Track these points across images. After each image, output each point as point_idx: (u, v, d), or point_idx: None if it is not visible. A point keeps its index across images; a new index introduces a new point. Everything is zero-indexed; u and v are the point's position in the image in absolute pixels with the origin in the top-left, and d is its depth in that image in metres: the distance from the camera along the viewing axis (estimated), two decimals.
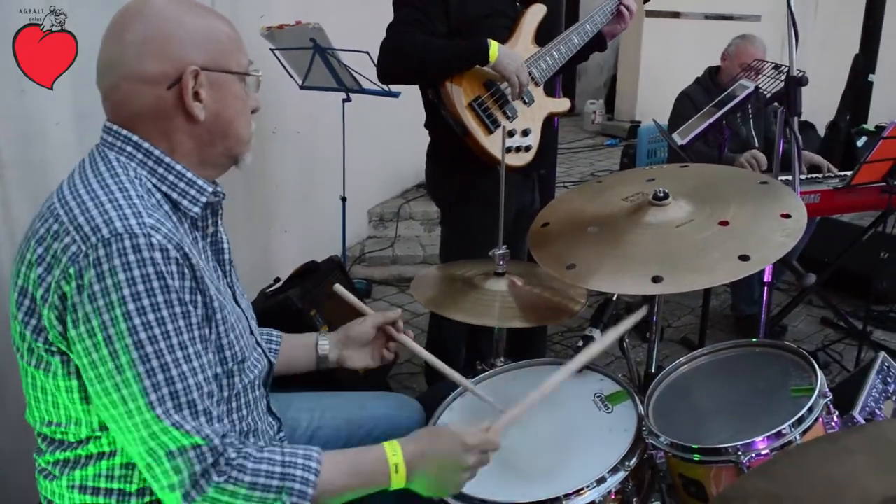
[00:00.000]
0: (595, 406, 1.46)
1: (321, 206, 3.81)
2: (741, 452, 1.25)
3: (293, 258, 2.96)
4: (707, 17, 7.28)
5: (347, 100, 3.30)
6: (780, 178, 2.25)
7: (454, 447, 1.19)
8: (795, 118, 2.02)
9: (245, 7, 3.16)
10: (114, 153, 1.12)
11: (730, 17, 7.16)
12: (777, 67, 2.42)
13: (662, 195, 1.53)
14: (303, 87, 3.24)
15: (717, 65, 3.50)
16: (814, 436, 1.28)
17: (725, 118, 2.37)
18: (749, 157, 3.09)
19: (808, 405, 1.28)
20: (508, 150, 2.11)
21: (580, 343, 1.51)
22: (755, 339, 1.59)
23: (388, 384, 2.88)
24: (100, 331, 1.00)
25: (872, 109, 5.88)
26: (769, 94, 2.25)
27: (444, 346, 2.44)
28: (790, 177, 2.09)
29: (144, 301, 1.01)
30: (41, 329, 1.06)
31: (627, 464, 1.29)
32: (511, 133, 2.15)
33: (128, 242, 1.01)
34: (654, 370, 1.82)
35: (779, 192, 1.55)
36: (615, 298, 1.54)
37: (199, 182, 1.16)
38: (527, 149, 2.21)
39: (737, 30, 3.55)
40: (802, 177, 2.99)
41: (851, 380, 2.07)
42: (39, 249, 1.05)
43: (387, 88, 2.91)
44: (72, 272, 1.01)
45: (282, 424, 1.41)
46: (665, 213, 1.52)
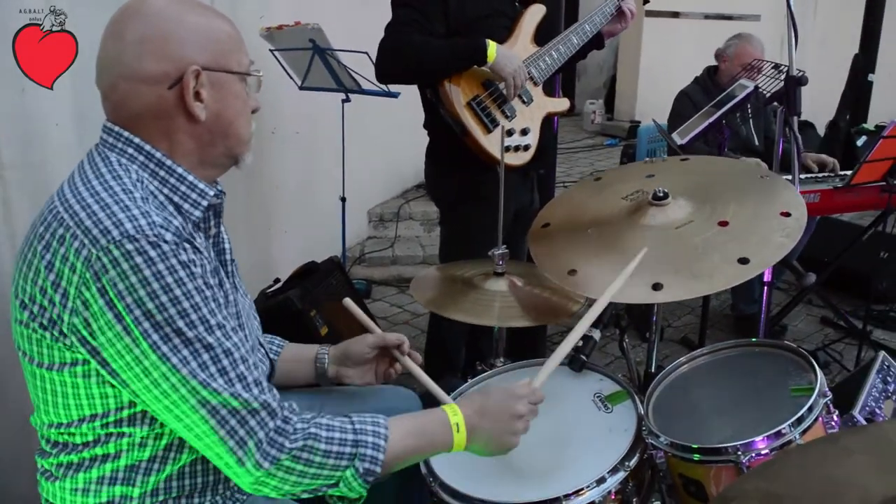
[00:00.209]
0: (595, 406, 1.46)
1: (321, 207, 3.81)
2: (741, 452, 1.25)
3: (293, 259, 2.96)
4: (707, 17, 7.28)
5: (347, 100, 3.30)
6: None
7: (506, 398, 1.24)
8: (795, 118, 2.02)
9: (244, 8, 3.16)
10: (115, 155, 1.12)
11: (729, 17, 7.16)
12: (777, 67, 2.42)
13: (662, 195, 1.53)
14: (302, 88, 3.24)
15: (716, 65, 3.49)
16: (814, 435, 1.28)
17: (725, 118, 2.37)
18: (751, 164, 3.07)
19: (808, 405, 1.28)
20: (507, 150, 2.11)
21: (579, 343, 1.51)
22: (755, 339, 1.59)
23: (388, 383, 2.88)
24: (135, 327, 1.01)
25: (872, 109, 5.88)
26: (769, 94, 2.25)
27: (444, 347, 2.44)
28: (790, 176, 2.09)
29: (176, 291, 1.02)
30: (62, 334, 1.05)
31: (627, 464, 1.29)
32: (510, 132, 2.15)
33: (143, 241, 1.00)
34: (654, 370, 1.83)
35: (778, 188, 1.54)
36: None
37: (201, 185, 1.15)
38: (525, 148, 2.21)
39: (736, 30, 3.55)
40: (802, 176, 2.99)
41: (851, 379, 2.07)
42: (48, 255, 1.04)
43: (386, 89, 2.91)
44: (88, 277, 1.00)
45: None
46: (664, 214, 1.52)
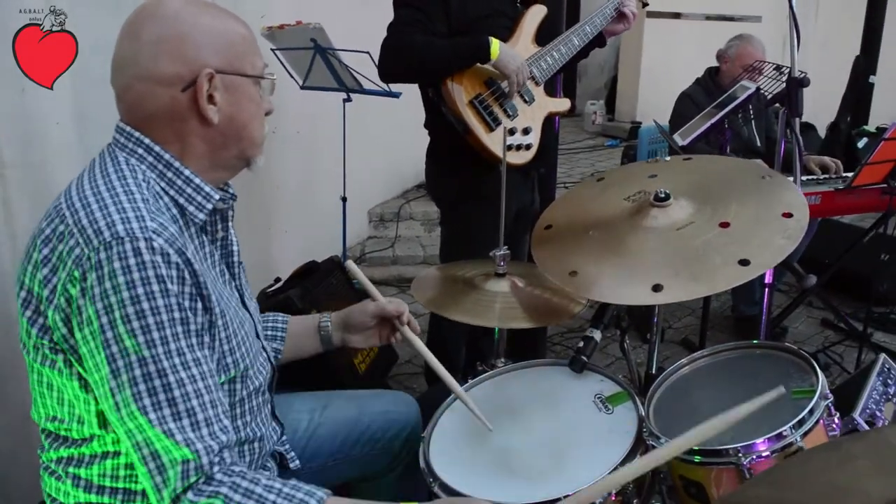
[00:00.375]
0: (595, 407, 1.46)
1: (321, 207, 3.81)
2: (742, 454, 1.25)
3: (293, 258, 2.95)
4: (708, 18, 7.28)
5: (348, 100, 3.29)
6: None
7: None
8: (797, 119, 2.02)
9: (245, 7, 3.15)
10: (124, 154, 1.12)
11: (731, 18, 7.16)
12: (778, 68, 2.42)
13: (664, 196, 1.53)
14: (303, 88, 3.24)
15: (717, 66, 3.49)
16: (815, 437, 1.28)
17: (727, 119, 2.37)
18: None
19: (809, 407, 1.28)
20: (509, 148, 2.11)
21: (580, 344, 1.51)
22: (756, 341, 1.59)
23: (389, 385, 2.88)
24: (99, 334, 1.00)
25: (873, 111, 5.88)
26: (770, 95, 2.25)
27: (445, 347, 2.44)
28: (791, 178, 2.09)
29: (143, 304, 1.00)
30: (46, 328, 1.06)
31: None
32: (512, 131, 2.15)
33: (128, 246, 1.00)
34: (655, 371, 1.82)
35: (780, 188, 1.54)
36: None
37: (206, 189, 1.15)
38: (527, 147, 2.21)
39: (737, 31, 3.55)
40: (803, 178, 2.98)
41: (852, 382, 2.06)
42: (45, 250, 1.05)
43: (388, 88, 2.91)
44: (76, 275, 1.01)
45: (284, 429, 1.41)
46: (666, 215, 1.52)
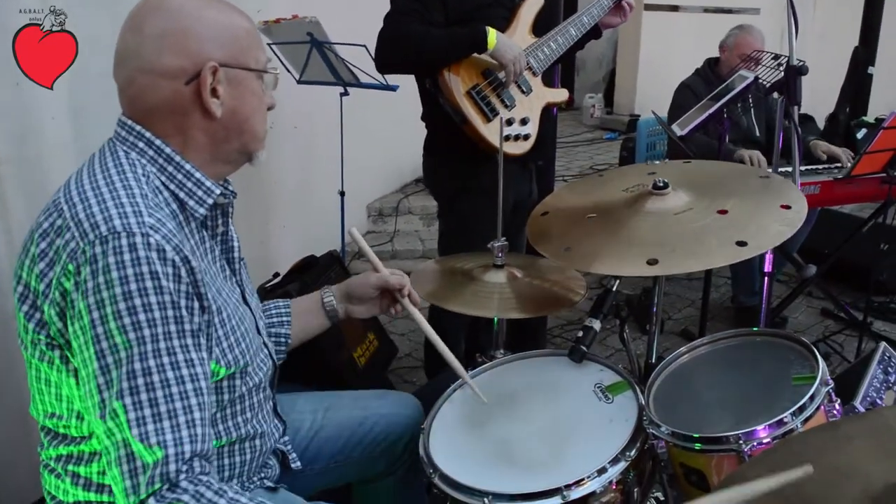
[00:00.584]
0: (595, 396, 1.46)
1: (320, 201, 3.80)
2: (742, 441, 1.25)
3: (292, 253, 2.94)
4: (706, 11, 7.27)
5: (345, 94, 3.29)
6: (780, 169, 2.25)
7: None
8: (795, 107, 2.01)
9: (242, 1, 3.14)
10: (124, 149, 1.11)
11: (729, 11, 7.14)
12: (776, 58, 2.41)
13: (662, 185, 1.53)
14: (300, 82, 3.23)
15: (717, 56, 3.48)
16: (815, 424, 1.27)
17: (725, 108, 2.36)
18: (752, 155, 3.06)
19: (810, 393, 1.27)
20: (507, 139, 2.11)
21: (580, 334, 1.51)
22: (756, 328, 1.58)
23: (389, 379, 2.88)
24: (90, 329, 0.99)
25: (872, 102, 5.86)
26: (769, 84, 2.24)
27: (444, 339, 2.41)
28: (790, 168, 2.08)
29: (136, 301, 0.98)
30: (43, 323, 1.05)
31: (628, 454, 1.28)
32: (509, 121, 2.14)
33: (124, 240, 0.99)
34: (655, 361, 1.82)
35: (780, 187, 1.54)
36: (614, 289, 1.53)
37: (207, 183, 1.14)
38: (525, 137, 2.20)
39: (736, 23, 3.54)
40: (803, 168, 2.98)
41: (852, 370, 2.06)
42: (42, 244, 1.04)
43: (385, 82, 2.90)
44: (70, 268, 1.00)
45: (286, 427, 1.41)
46: (664, 202, 1.52)
